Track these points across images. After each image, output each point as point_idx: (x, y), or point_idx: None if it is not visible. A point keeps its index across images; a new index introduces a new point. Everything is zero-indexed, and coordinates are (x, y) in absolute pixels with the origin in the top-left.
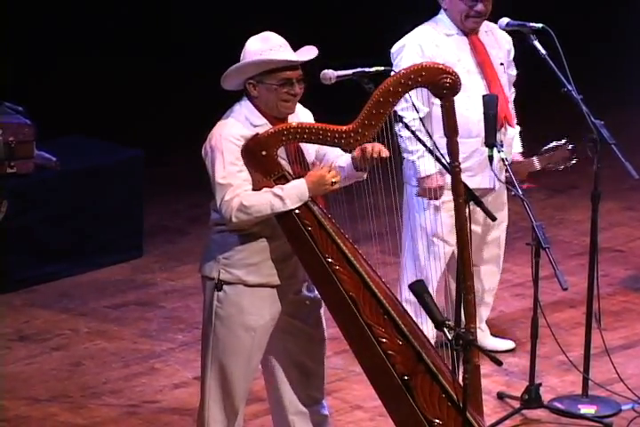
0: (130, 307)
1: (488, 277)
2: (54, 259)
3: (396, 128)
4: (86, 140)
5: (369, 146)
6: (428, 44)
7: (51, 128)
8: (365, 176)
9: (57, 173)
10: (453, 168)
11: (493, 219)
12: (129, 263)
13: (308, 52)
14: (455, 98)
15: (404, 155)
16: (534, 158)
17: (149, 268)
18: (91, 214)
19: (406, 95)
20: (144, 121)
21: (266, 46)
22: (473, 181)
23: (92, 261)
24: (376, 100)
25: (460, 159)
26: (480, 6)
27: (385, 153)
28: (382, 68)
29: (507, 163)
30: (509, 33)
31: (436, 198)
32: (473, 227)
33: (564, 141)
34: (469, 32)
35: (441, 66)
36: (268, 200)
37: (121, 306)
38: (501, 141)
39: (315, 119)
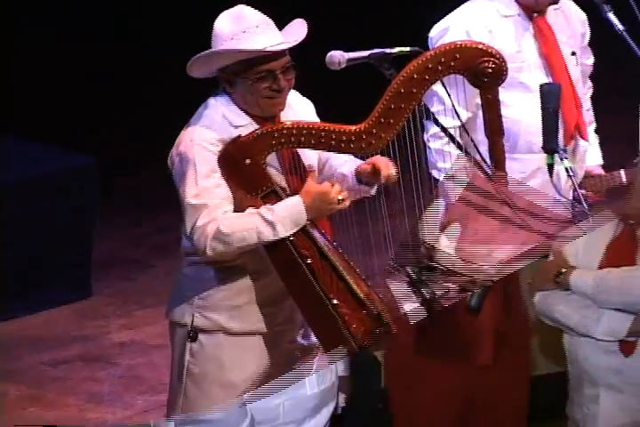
0: (74, 364)
1: None
2: None
3: (425, 137)
4: (23, 144)
5: (382, 163)
6: (477, 27)
7: None
8: (373, 192)
9: None
10: (498, 179)
11: None
12: (73, 305)
13: (296, 31)
14: (513, 101)
15: (432, 172)
16: (622, 171)
17: (100, 312)
18: (24, 242)
19: (443, 95)
20: (99, 122)
21: (238, 28)
22: None
23: (26, 304)
24: (395, 90)
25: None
26: None
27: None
28: (408, 48)
29: (571, 174)
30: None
31: None
32: None
33: None
34: (538, 12)
35: (481, 46)
36: (254, 226)
37: (62, 362)
38: (564, 148)
39: (317, 112)
